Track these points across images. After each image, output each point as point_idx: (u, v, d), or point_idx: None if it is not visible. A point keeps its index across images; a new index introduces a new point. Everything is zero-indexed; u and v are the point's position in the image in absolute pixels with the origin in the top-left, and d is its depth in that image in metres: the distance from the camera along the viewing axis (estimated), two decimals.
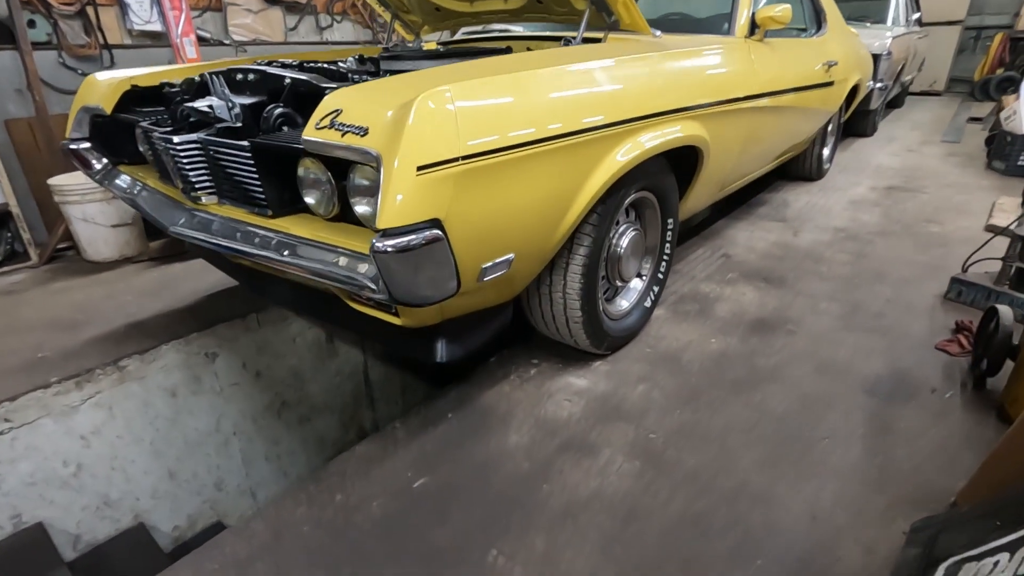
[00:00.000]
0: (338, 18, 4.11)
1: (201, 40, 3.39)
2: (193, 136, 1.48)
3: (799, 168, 3.96)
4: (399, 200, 0.99)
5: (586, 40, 1.92)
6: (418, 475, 1.36)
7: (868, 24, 6.07)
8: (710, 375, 1.75)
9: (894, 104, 7.57)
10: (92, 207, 2.65)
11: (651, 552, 1.14)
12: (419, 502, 1.28)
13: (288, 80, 1.49)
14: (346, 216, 1.34)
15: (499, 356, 1.87)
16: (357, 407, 2.85)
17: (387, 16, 2.58)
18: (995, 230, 2.90)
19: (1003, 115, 4.17)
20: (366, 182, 1.20)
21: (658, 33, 2.17)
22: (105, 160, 2.02)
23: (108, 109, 1.90)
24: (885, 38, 5.04)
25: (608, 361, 1.82)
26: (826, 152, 4.04)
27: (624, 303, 1.91)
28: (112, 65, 3.08)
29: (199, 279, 2.57)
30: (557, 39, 2.24)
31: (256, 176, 1.37)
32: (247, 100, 1.58)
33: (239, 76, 1.64)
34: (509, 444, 1.46)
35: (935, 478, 1.32)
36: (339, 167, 1.26)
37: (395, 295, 1.10)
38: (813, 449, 1.43)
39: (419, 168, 1.00)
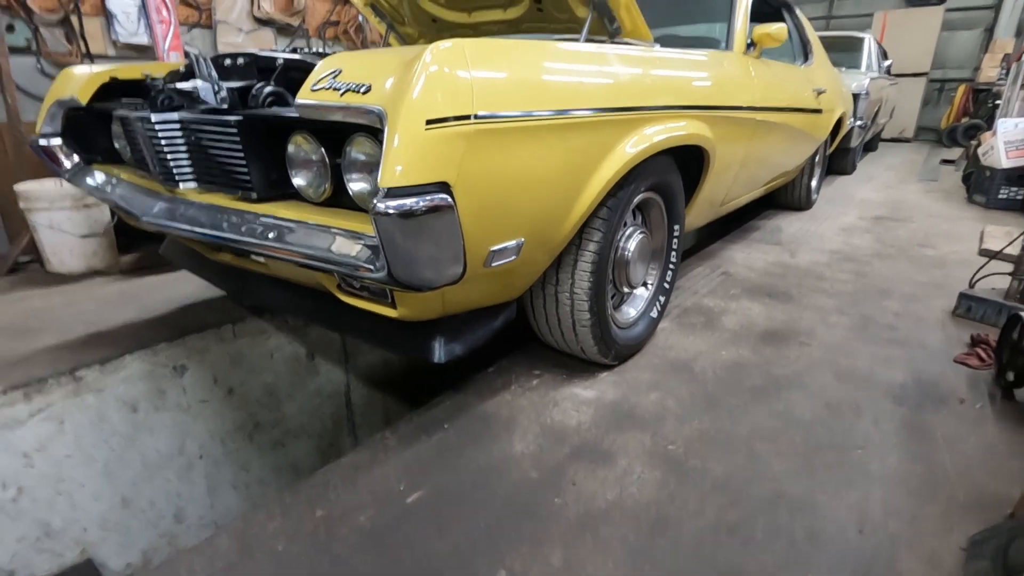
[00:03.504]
0: (330, 43, 4.11)
1: (188, 57, 3.33)
2: (174, 115, 1.37)
3: (789, 197, 3.98)
4: (405, 156, 0.88)
5: None
6: (412, 484, 1.19)
7: (843, 69, 6.33)
8: (726, 384, 1.63)
9: (868, 148, 7.84)
10: (60, 215, 2.48)
11: (686, 565, 0.99)
12: (414, 512, 1.11)
13: (281, 61, 1.40)
14: (338, 201, 1.23)
15: (498, 366, 1.73)
16: (337, 433, 2.65)
17: (382, 29, 2.55)
18: (989, 254, 2.90)
19: (981, 151, 4.29)
20: (363, 156, 1.10)
21: (657, 46, 2.17)
22: (77, 158, 1.90)
23: (84, 100, 1.78)
24: (863, 79, 5.24)
25: (614, 372, 1.69)
26: (814, 183, 4.08)
27: (631, 312, 1.80)
28: None
29: (172, 290, 2.40)
30: None
31: (241, 155, 1.26)
32: (235, 84, 1.49)
33: (227, 61, 1.55)
34: (514, 451, 1.30)
35: (987, 485, 1.20)
36: (333, 143, 1.15)
37: (395, 273, 0.97)
38: (849, 456, 1.30)
39: (428, 122, 0.89)
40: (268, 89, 1.35)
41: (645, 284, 1.88)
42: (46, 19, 2.79)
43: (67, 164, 1.88)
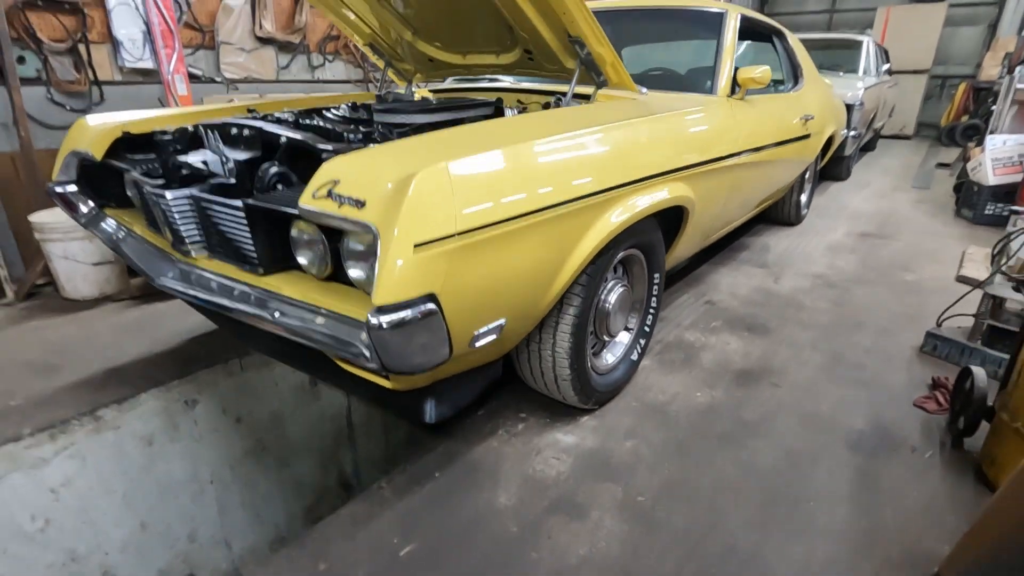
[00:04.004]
0: (330, 57, 4.17)
1: (193, 77, 3.42)
2: (186, 191, 1.48)
3: (779, 213, 4.08)
4: (396, 277, 1.00)
5: (576, 96, 1.99)
6: (406, 537, 1.33)
7: (841, 73, 6.36)
8: (697, 429, 1.76)
9: (867, 148, 7.87)
10: (74, 245, 2.60)
11: None
12: (407, 565, 1.25)
13: (284, 139, 1.51)
14: (339, 275, 1.35)
15: (487, 408, 1.86)
16: (338, 448, 2.80)
17: (380, 64, 2.63)
18: (967, 282, 3.01)
19: (970, 166, 4.37)
20: (360, 247, 1.21)
21: (644, 91, 2.25)
22: (91, 204, 2.01)
23: (98, 156, 1.88)
24: (857, 89, 5.28)
25: (596, 415, 1.83)
26: (804, 198, 4.17)
27: (611, 357, 1.93)
28: (102, 101, 3.07)
29: (180, 319, 2.53)
30: (547, 93, 2.30)
31: (249, 235, 1.37)
32: (242, 155, 1.60)
33: (234, 130, 1.66)
34: (498, 503, 1.44)
35: (920, 541, 1.34)
36: (333, 229, 1.27)
37: (387, 364, 1.10)
38: (800, 509, 1.44)
39: (416, 245, 1.01)
40: (273, 170, 1.46)
41: (627, 328, 2.00)
42: (55, 48, 2.88)
43: (83, 209, 2.00)
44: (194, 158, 1.59)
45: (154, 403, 2.00)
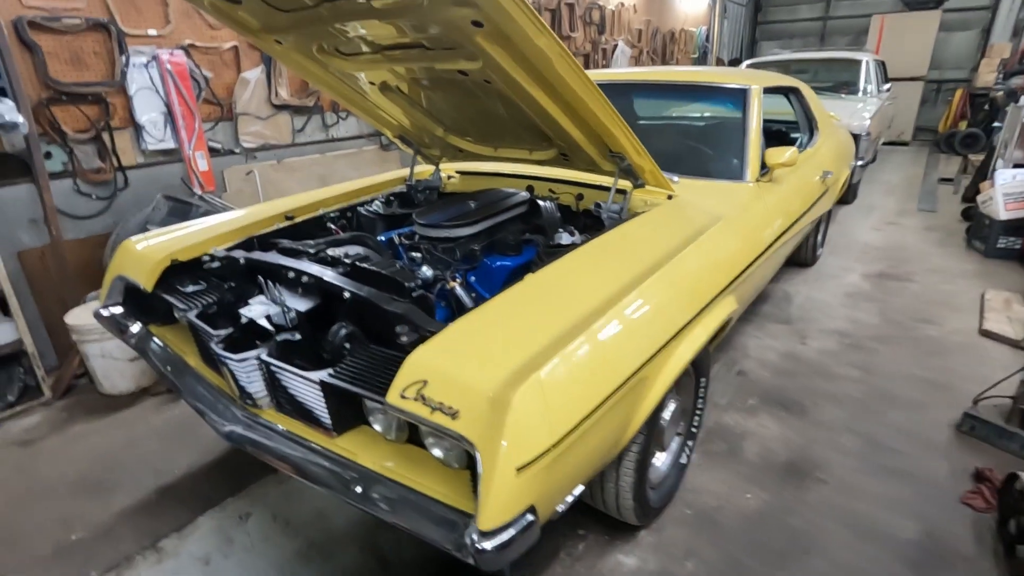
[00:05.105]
0: (343, 115, 4.18)
1: (212, 151, 3.42)
2: (254, 353, 1.49)
3: (796, 256, 4.10)
4: (501, 503, 1.02)
5: (618, 191, 2.02)
6: None
7: (843, 95, 6.41)
8: (751, 545, 1.79)
9: (869, 161, 7.92)
10: (111, 344, 2.61)
11: None
12: None
13: (348, 295, 1.52)
14: (412, 436, 1.37)
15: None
16: (378, 530, 2.82)
17: (410, 151, 2.65)
18: (991, 336, 3.05)
19: (980, 199, 4.42)
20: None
21: (676, 179, 2.28)
22: (140, 324, 2.02)
23: (149, 287, 1.90)
24: (864, 119, 5.32)
25: (652, 530, 1.86)
26: (819, 239, 4.21)
27: (662, 467, 1.96)
28: (126, 186, 3.07)
29: None
30: (578, 184, 2.32)
31: (324, 404, 1.39)
32: (302, 304, 1.61)
33: (291, 275, 1.67)
34: None
35: None
36: None
37: (484, 565, 1.12)
38: None
39: (519, 468, 1.03)
40: (344, 332, 1.48)
41: (677, 433, 2.03)
42: (79, 139, 2.87)
43: (131, 331, 2.01)
44: (257, 311, 1.60)
45: (210, 523, 2.02)
